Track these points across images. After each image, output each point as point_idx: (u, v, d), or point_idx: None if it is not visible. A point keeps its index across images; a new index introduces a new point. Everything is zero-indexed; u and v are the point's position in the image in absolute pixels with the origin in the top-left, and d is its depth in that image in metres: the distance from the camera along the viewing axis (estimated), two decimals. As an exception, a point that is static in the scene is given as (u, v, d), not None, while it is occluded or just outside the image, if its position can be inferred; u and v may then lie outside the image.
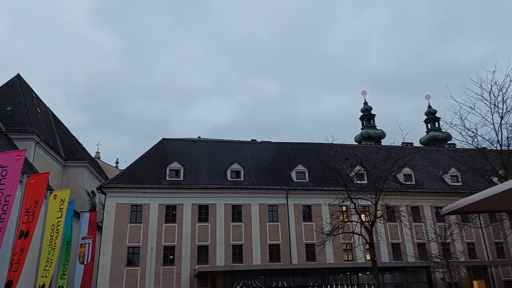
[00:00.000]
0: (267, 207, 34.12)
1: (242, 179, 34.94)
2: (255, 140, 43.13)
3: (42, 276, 17.97)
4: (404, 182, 35.46)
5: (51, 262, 18.30)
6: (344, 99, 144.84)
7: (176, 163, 34.27)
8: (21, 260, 14.72)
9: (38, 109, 40.01)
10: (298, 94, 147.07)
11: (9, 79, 38.61)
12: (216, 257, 31.63)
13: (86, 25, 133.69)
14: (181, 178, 33.85)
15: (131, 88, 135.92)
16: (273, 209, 34.24)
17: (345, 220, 27.28)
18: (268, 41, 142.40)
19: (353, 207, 23.51)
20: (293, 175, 36.16)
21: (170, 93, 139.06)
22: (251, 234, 32.88)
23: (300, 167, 36.43)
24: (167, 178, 33.58)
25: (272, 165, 37.87)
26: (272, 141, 42.51)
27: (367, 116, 78.28)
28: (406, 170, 37.09)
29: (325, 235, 24.03)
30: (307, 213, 34.58)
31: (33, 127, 34.41)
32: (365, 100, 79.77)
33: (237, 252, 32.25)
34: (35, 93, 42.36)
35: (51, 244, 18.70)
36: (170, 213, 32.38)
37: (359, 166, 32.00)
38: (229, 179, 34.74)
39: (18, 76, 39.28)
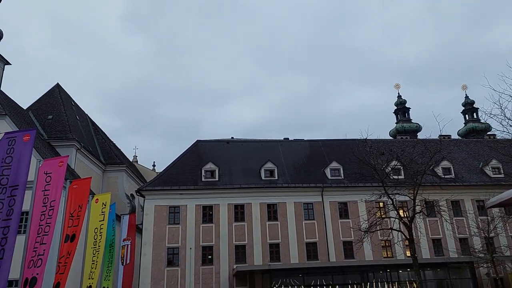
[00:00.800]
0: (303, 205, 34.04)
1: (276, 178, 35.03)
2: (288, 138, 43.12)
3: (88, 278, 18.70)
4: (443, 176, 34.48)
5: (96, 264, 19.02)
6: (376, 93, 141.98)
7: (211, 164, 34.77)
8: (68, 263, 15.39)
9: (77, 117, 41.58)
10: (328, 90, 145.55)
11: (49, 88, 40.33)
12: (254, 256, 31.86)
13: (118, 31, 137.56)
14: (216, 179, 34.31)
15: (163, 91, 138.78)
16: (308, 207, 34.12)
17: (383, 216, 26.81)
18: (297, 37, 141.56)
19: (391, 203, 23.06)
20: (328, 172, 35.89)
21: (201, 94, 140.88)
22: (288, 232, 32.91)
23: (335, 164, 36.12)
24: (203, 179, 34.12)
25: (305, 163, 37.74)
26: (305, 139, 42.34)
27: (401, 109, 76.47)
28: (445, 163, 36.06)
29: (363, 232, 23.72)
30: (343, 210, 34.25)
31: (74, 134, 35.78)
32: (399, 93, 77.99)
33: (274, 251, 32.37)
34: (74, 101, 44.04)
35: (95, 247, 19.42)
36: (207, 214, 32.88)
37: (395, 161, 31.29)
38: (263, 178, 34.91)
39: (58, 86, 40.97)
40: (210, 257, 31.64)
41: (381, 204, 31.44)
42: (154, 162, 67.70)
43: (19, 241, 12.57)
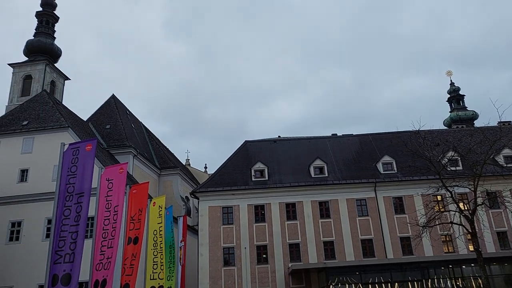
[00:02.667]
0: (355, 201, 33.50)
1: (326, 175, 34.70)
2: (336, 134, 42.52)
3: (151, 279, 19.54)
4: (505, 165, 32.60)
5: (158, 265, 19.83)
6: (426, 81, 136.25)
7: (260, 164, 35.09)
8: (134, 265, 16.18)
9: (132, 125, 43.54)
10: (374, 81, 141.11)
11: (103, 99, 42.59)
12: (308, 254, 31.77)
13: (162, 38, 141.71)
14: (266, 178, 34.57)
15: (208, 94, 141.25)
16: (361, 203, 33.53)
17: (442, 210, 25.78)
18: (338, 30, 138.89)
19: (450, 195, 22.16)
20: (380, 166, 35.06)
21: (245, 94, 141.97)
22: (341, 229, 32.51)
23: (387, 158, 35.22)
24: (253, 179, 34.50)
25: (356, 158, 37.08)
26: (354, 134, 41.57)
27: (455, 97, 72.98)
28: (507, 151, 34.05)
29: (421, 227, 22.94)
30: (398, 205, 33.32)
31: (130, 141, 37.53)
32: (451, 80, 74.46)
33: (328, 249, 32.10)
34: (128, 110, 46.16)
35: (155, 248, 20.24)
36: (259, 213, 33.21)
37: (452, 151, 30.03)
38: (313, 175, 34.72)
39: (113, 96, 43.19)
40: (264, 256, 31.93)
41: (439, 198, 30.28)
42: (205, 164, 69.54)
43: (87, 245, 13.35)
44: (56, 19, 53.75)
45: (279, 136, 42.93)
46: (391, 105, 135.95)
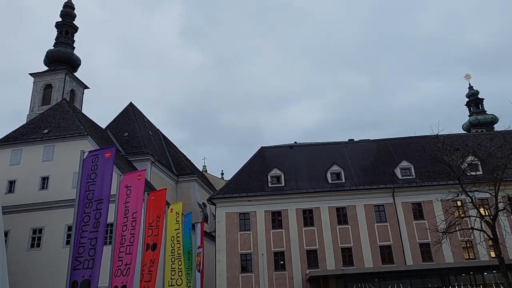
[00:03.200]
0: (373, 207, 33.16)
1: (344, 180, 34.46)
2: (353, 139, 42.21)
3: (169, 285, 19.64)
4: (527, 170, 31.79)
5: (176, 271, 19.92)
6: (443, 84, 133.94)
7: (276, 170, 35.06)
8: (153, 271, 16.27)
9: (150, 132, 44.11)
10: (390, 85, 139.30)
11: (120, 106, 43.36)
12: (326, 261, 31.52)
13: (177, 46, 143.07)
14: (283, 184, 34.51)
15: (224, 100, 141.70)
16: (379, 209, 33.17)
17: (462, 215, 25.31)
18: (353, 34, 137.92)
19: (470, 201, 21.76)
20: (398, 172, 34.65)
21: (261, 100, 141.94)
22: (359, 236, 32.18)
23: (405, 163, 34.80)
24: (269, 185, 34.48)
25: (373, 163, 36.73)
26: (371, 139, 41.23)
27: (474, 101, 71.77)
28: (529, 155, 33.23)
29: (441, 233, 22.55)
30: (417, 211, 32.84)
31: (148, 148, 38.01)
32: (469, 84, 73.31)
33: (346, 255, 31.79)
34: (146, 117, 46.80)
35: (173, 255, 20.34)
36: (276, 219, 33.12)
37: (472, 156, 29.48)
38: (330, 181, 34.51)
39: (131, 104, 43.91)
40: (282, 262, 31.79)
41: (459, 203, 29.77)
42: (222, 170, 69.95)
43: (107, 252, 13.50)
44: (75, 29, 54.97)
45: (295, 142, 42.85)
46: (408, 110, 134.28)
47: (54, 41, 53.23)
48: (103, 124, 41.88)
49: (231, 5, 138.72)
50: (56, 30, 54.09)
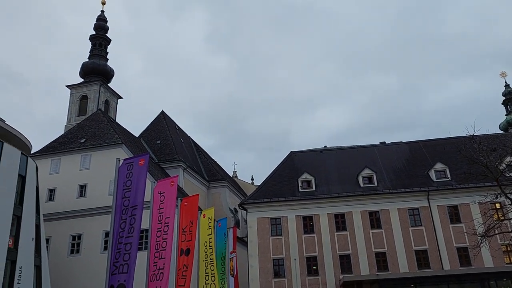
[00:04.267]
0: (407, 211, 32.49)
1: (376, 184, 33.95)
2: (384, 142, 41.52)
3: (204, 290, 19.95)
4: None
5: (209, 276, 20.22)
6: (476, 83, 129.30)
7: (306, 174, 34.96)
8: (187, 276, 16.62)
9: (181, 139, 45.00)
10: (419, 85, 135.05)
11: (150, 114, 44.46)
12: (360, 266, 31.09)
13: (203, 53, 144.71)
14: (313, 189, 34.36)
15: (251, 105, 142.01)
16: (414, 212, 32.46)
17: (501, 218, 24.43)
18: (379, 34, 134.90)
19: (509, 203, 20.97)
20: (432, 174, 33.82)
21: (287, 104, 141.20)
22: (394, 240, 31.58)
23: (440, 165, 33.94)
24: (300, 190, 34.41)
25: (406, 166, 36.00)
26: (403, 141, 40.43)
27: (511, 99, 69.04)
28: None
29: (479, 237, 21.82)
30: (454, 214, 31.95)
31: (180, 155, 38.77)
32: (505, 82, 70.45)
33: (381, 260, 31.25)
34: (177, 125, 47.75)
35: (206, 260, 20.65)
36: (308, 224, 32.97)
37: (510, 156, 28.46)
38: (361, 185, 34.09)
39: (162, 113, 44.99)
40: (315, 267, 31.59)
41: (497, 205, 28.71)
42: (252, 176, 70.35)
43: (139, 257, 13.84)
44: (108, 41, 56.85)
45: (325, 146, 42.61)
46: (440, 110, 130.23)
47: (89, 53, 55.22)
48: (135, 133, 43.12)
49: (255, 9, 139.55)
50: (90, 42, 56.10)
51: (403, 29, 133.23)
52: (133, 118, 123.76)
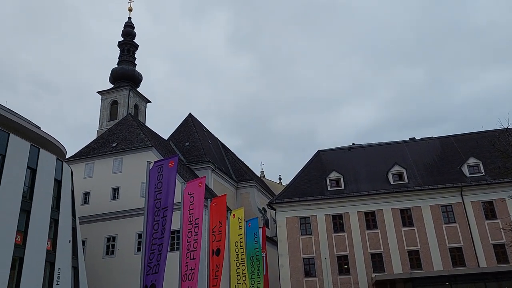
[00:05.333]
0: (440, 208, 31.78)
1: (406, 181, 33.36)
2: (414, 138, 40.72)
3: (236, 289, 20.17)
4: None
5: (240, 276, 20.43)
6: (509, 74, 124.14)
7: (335, 173, 34.73)
8: (218, 276, 16.89)
9: (209, 141, 45.55)
10: (448, 78, 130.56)
11: (181, 118, 45.27)
12: (392, 264, 30.64)
13: (226, 54, 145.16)
14: (342, 187, 34.09)
15: (275, 105, 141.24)
16: (447, 209, 31.72)
17: (540, 214, 23.59)
18: (405, 27, 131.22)
19: (548, 198, 20.26)
20: (465, 169, 32.95)
21: (312, 102, 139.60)
22: (427, 238, 30.96)
23: (473, 160, 33.02)
24: (329, 188, 34.21)
25: (438, 162, 35.20)
26: (434, 136, 39.53)
27: (549, 89, 66.32)
28: None
29: (517, 233, 21.18)
30: (489, 210, 31.02)
31: (208, 157, 39.29)
32: (543, 71, 67.79)
33: (414, 258, 30.70)
34: (204, 127, 48.39)
35: (237, 260, 20.86)
36: (337, 223, 32.76)
37: (548, 149, 27.41)
38: (392, 182, 33.58)
39: (190, 115, 45.70)
40: (346, 266, 31.35)
41: (535, 200, 27.69)
42: (279, 175, 70.37)
43: (171, 258, 14.13)
44: (135, 47, 58.19)
45: (353, 144, 42.18)
46: (471, 103, 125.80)
47: (118, 59, 56.66)
48: (164, 135, 43.96)
49: (276, 8, 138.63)
50: (119, 49, 57.55)
51: (429, 20, 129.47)
52: (161, 121, 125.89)
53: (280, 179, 65.64)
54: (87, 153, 36.01)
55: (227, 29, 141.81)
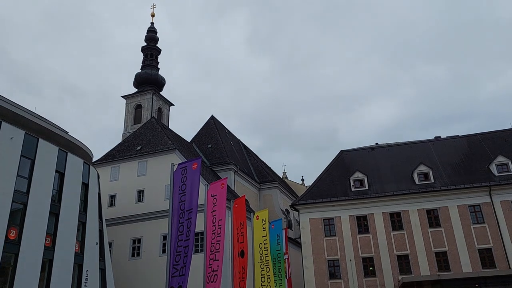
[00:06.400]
0: (468, 208, 31.00)
1: (433, 181, 32.69)
2: (439, 136, 39.87)
3: (261, 291, 20.14)
4: None
5: (267, 278, 20.41)
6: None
7: (358, 173, 34.35)
8: (244, 278, 16.96)
9: (231, 142, 45.76)
10: (473, 74, 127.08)
11: (203, 120, 45.64)
12: (419, 266, 30.05)
13: (245, 55, 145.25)
14: (366, 188, 33.67)
15: (296, 105, 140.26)
16: (475, 209, 30.91)
17: None
18: (427, 22, 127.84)
19: None
20: (493, 168, 32.04)
21: (332, 102, 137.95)
22: (454, 239, 30.24)
23: (501, 159, 32.09)
24: (352, 189, 33.85)
25: (465, 161, 34.35)
26: (460, 135, 38.61)
27: None
28: None
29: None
30: (520, 210, 30.04)
31: (230, 158, 39.47)
32: None
33: (441, 260, 30.03)
34: (226, 128, 48.63)
35: (262, 261, 20.83)
36: (362, 224, 32.35)
37: None
38: (417, 182, 32.97)
39: (212, 117, 46.03)
40: (371, 268, 30.93)
41: None
42: (302, 176, 70.07)
43: (194, 260, 14.19)
44: (158, 51, 59.04)
45: (376, 143, 41.59)
46: (498, 100, 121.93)
47: (141, 64, 57.61)
48: (187, 137, 44.41)
49: (295, 7, 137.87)
50: (142, 53, 58.51)
51: (452, 16, 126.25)
52: (184, 123, 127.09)
53: (302, 180, 65.37)
54: (113, 157, 36.70)
55: (246, 30, 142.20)
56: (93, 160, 32.67)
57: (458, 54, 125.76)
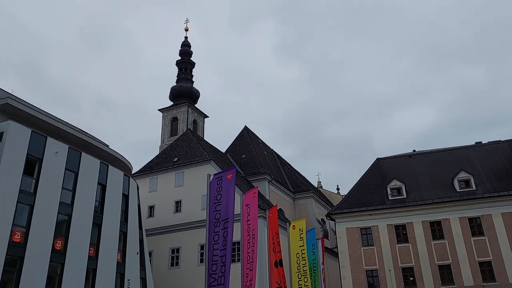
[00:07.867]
0: (513, 215, 29.69)
1: (474, 188, 31.59)
2: (480, 142, 38.49)
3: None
4: None
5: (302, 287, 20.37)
6: None
7: (396, 181, 33.70)
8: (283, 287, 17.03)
9: (265, 152, 46.05)
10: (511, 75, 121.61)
11: (236, 130, 46.23)
12: (462, 276, 29.00)
13: (274, 64, 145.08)
14: (404, 196, 32.95)
15: (326, 112, 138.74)
16: (521, 217, 29.57)
17: None
18: (460, 22, 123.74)
19: None
20: (540, 174, 30.62)
21: (364, 108, 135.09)
22: (499, 248, 29.03)
23: (548, 164, 30.64)
24: (390, 198, 33.21)
25: (508, 167, 32.99)
26: (502, 139, 37.13)
27: None
28: None
29: None
30: None
31: (264, 168, 39.73)
32: None
33: (486, 270, 28.87)
34: (260, 138, 49.03)
35: (299, 271, 20.79)
36: (401, 233, 31.64)
37: None
38: (458, 190, 31.95)
39: (246, 128, 46.58)
40: (412, 278, 30.12)
41: None
42: (337, 185, 69.22)
43: (233, 269, 14.36)
44: (192, 65, 60.47)
45: (414, 151, 40.66)
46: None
47: (176, 77, 59.19)
48: (221, 148, 45.10)
49: (322, 14, 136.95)
50: (177, 67, 60.12)
51: (487, 13, 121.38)
52: (217, 134, 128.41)
53: (338, 189, 64.59)
54: (151, 168, 37.77)
55: (274, 39, 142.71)
56: (132, 172, 33.75)
57: (496, 55, 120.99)
